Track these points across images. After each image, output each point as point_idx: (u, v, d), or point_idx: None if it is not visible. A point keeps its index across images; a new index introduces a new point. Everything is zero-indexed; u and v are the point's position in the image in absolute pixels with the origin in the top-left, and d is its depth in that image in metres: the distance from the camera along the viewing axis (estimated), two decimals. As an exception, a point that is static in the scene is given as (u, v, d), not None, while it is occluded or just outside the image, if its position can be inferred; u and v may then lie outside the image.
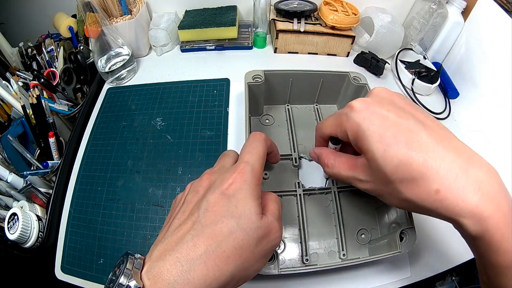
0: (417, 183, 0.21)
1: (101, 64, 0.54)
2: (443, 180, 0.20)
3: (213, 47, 0.62)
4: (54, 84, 0.54)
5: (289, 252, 0.37)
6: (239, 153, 0.27)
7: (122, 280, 0.18)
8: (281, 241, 0.37)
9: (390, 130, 0.22)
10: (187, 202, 0.23)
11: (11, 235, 0.37)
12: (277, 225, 0.23)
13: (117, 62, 0.55)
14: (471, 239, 0.21)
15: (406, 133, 0.22)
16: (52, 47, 0.61)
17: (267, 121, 0.48)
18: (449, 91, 0.57)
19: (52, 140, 0.47)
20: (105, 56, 0.54)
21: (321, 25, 0.60)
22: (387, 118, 0.23)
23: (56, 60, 0.59)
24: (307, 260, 0.35)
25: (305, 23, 0.59)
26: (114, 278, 0.19)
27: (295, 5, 0.61)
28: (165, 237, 0.21)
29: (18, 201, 0.43)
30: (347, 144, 0.28)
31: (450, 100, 0.57)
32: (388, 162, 0.22)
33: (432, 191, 0.21)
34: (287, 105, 0.49)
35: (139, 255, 0.20)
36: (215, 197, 0.21)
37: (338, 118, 0.26)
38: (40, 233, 0.40)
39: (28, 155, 0.47)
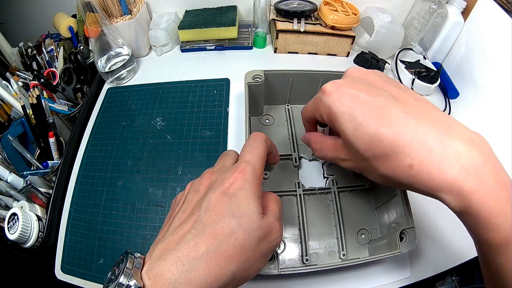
0: (389, 158, 0.21)
1: (101, 64, 0.54)
2: (416, 154, 0.20)
3: (213, 47, 0.62)
4: (54, 84, 0.54)
5: (289, 252, 0.37)
6: (239, 153, 0.27)
7: (122, 279, 0.18)
8: (282, 241, 0.37)
9: (359, 108, 0.22)
10: (188, 201, 0.23)
11: (11, 235, 0.37)
12: (277, 225, 0.23)
13: (117, 62, 0.55)
14: (457, 214, 0.21)
15: (376, 110, 0.22)
16: (52, 47, 0.61)
17: (267, 121, 0.48)
18: (449, 91, 0.57)
19: (52, 140, 0.47)
20: (105, 56, 0.54)
21: (321, 25, 0.60)
22: (357, 97, 0.23)
23: (56, 60, 0.59)
24: (307, 260, 0.35)
25: (305, 23, 0.59)
26: (113, 277, 0.19)
27: (295, 5, 0.61)
28: (165, 236, 0.20)
29: (18, 201, 0.43)
30: None
31: (450, 100, 0.57)
32: (359, 141, 0.22)
33: (405, 166, 0.20)
34: (287, 105, 0.49)
35: (139, 254, 0.20)
36: (216, 196, 0.21)
37: (314, 102, 0.27)
38: (40, 233, 0.40)
39: (28, 155, 0.47)
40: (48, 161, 0.47)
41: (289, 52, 0.63)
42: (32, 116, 0.48)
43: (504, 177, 0.19)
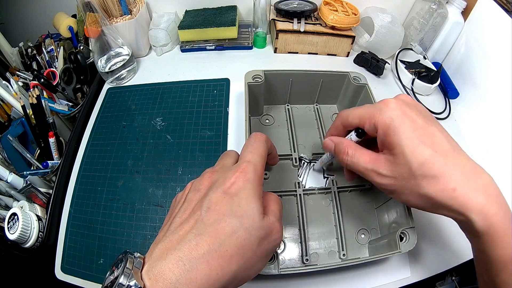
0: (437, 180, 0.24)
1: (101, 64, 0.54)
2: (459, 181, 0.24)
3: (213, 47, 0.62)
4: (54, 84, 0.54)
5: (289, 252, 0.37)
6: (239, 153, 0.27)
7: (122, 280, 0.18)
8: (282, 241, 0.37)
9: (418, 131, 0.25)
10: (189, 200, 0.23)
11: (11, 235, 0.37)
12: (278, 225, 0.23)
13: (117, 62, 0.55)
14: (477, 235, 0.24)
15: (430, 137, 0.25)
16: (52, 47, 0.61)
17: (267, 121, 0.48)
18: (449, 91, 0.57)
19: (52, 140, 0.47)
20: (105, 56, 0.54)
21: (321, 25, 0.60)
22: (415, 121, 0.26)
23: (56, 60, 0.59)
24: (307, 260, 0.35)
25: (305, 23, 0.59)
26: (112, 277, 0.19)
27: (295, 5, 0.61)
28: (166, 236, 0.20)
29: (18, 201, 0.43)
30: (366, 142, 0.31)
31: (450, 100, 0.57)
32: (415, 159, 0.24)
33: (449, 189, 0.24)
34: (287, 105, 0.49)
35: (138, 254, 0.20)
36: (218, 195, 0.21)
37: (370, 111, 0.28)
38: (40, 233, 0.40)
39: (28, 155, 0.47)
40: (48, 161, 0.47)
41: (289, 52, 0.63)
42: (32, 116, 0.48)
43: (508, 207, 0.24)
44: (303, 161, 0.43)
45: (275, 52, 0.63)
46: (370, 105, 0.29)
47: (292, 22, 0.59)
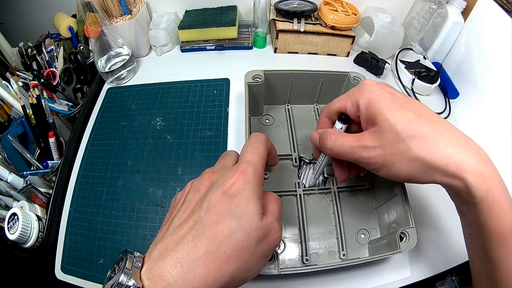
0: (427, 139, 0.23)
1: (101, 64, 0.54)
2: (449, 139, 0.23)
3: (213, 47, 0.62)
4: (54, 84, 0.54)
5: (289, 252, 0.37)
6: (240, 153, 0.27)
7: (122, 278, 0.18)
8: (282, 241, 0.37)
9: (398, 101, 0.25)
10: (188, 201, 0.23)
11: (11, 235, 0.37)
12: (277, 225, 0.23)
13: (117, 62, 0.55)
14: (473, 203, 0.22)
15: (412, 104, 0.25)
16: (52, 47, 0.61)
17: (267, 121, 0.48)
18: (449, 91, 0.57)
19: (52, 140, 0.47)
20: (105, 56, 0.54)
21: (321, 25, 0.60)
22: (395, 94, 0.26)
23: (56, 60, 0.59)
24: (307, 260, 0.35)
25: (305, 23, 0.59)
26: (113, 275, 0.19)
27: (295, 5, 0.61)
28: (165, 236, 0.20)
29: (18, 201, 0.43)
30: (352, 126, 0.31)
31: (450, 100, 0.57)
32: (400, 120, 0.24)
33: (441, 146, 0.23)
34: (287, 105, 0.49)
35: (138, 254, 0.20)
36: (217, 196, 0.21)
37: (349, 93, 0.29)
38: (40, 233, 0.40)
39: (28, 155, 0.47)
40: (48, 161, 0.47)
41: (289, 52, 0.63)
42: (32, 116, 0.48)
43: (499, 173, 0.23)
44: (303, 161, 0.43)
45: (275, 52, 0.63)
46: (350, 90, 0.29)
47: (292, 22, 0.59)
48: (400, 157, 0.24)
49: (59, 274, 0.39)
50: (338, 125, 0.31)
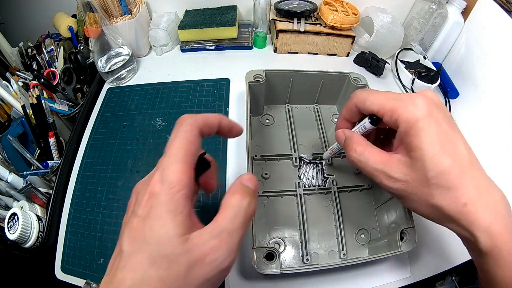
0: (451, 192, 0.23)
1: (101, 64, 0.54)
2: (471, 196, 0.23)
3: (213, 47, 0.62)
4: (54, 84, 0.54)
5: (290, 252, 0.37)
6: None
7: None
8: (282, 241, 0.37)
9: (441, 137, 0.23)
10: (123, 223, 0.21)
11: (11, 235, 0.37)
12: (215, 243, 0.19)
13: (117, 62, 0.55)
14: (480, 254, 0.23)
15: (452, 145, 0.24)
16: (52, 47, 0.61)
17: (267, 121, 0.48)
18: (449, 91, 0.57)
19: (52, 140, 0.47)
20: (105, 56, 0.54)
21: (321, 25, 0.60)
22: (440, 125, 0.24)
23: (56, 60, 0.59)
24: (307, 260, 0.35)
25: (305, 23, 0.59)
26: None
27: (295, 5, 0.61)
28: (108, 268, 0.20)
29: (18, 201, 0.43)
30: (376, 134, 0.30)
31: (450, 100, 0.57)
32: (434, 166, 0.23)
33: (460, 203, 0.23)
34: (287, 105, 0.49)
35: (94, 285, 0.20)
36: (134, 221, 0.19)
37: (393, 103, 0.25)
38: (40, 233, 0.40)
39: (28, 155, 0.47)
40: (48, 161, 0.47)
41: (289, 52, 0.63)
42: (32, 116, 0.48)
43: None
44: (303, 161, 0.43)
45: (275, 52, 0.63)
46: (393, 94, 0.26)
47: (292, 22, 0.59)
48: (420, 199, 0.24)
49: (59, 274, 0.39)
50: (368, 124, 0.27)
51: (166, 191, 0.19)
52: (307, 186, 0.41)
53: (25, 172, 0.44)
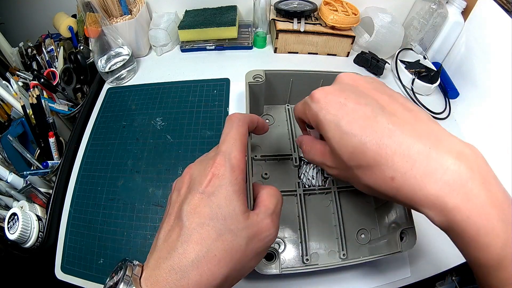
0: (372, 169, 0.21)
1: (101, 64, 0.54)
2: (399, 167, 0.20)
3: (213, 47, 0.62)
4: (54, 84, 0.54)
5: (290, 252, 0.37)
6: None
7: (122, 286, 0.18)
8: (282, 241, 0.37)
9: (345, 118, 0.22)
10: (172, 203, 0.22)
11: (11, 235, 0.37)
12: (269, 222, 0.22)
13: (117, 62, 0.55)
14: (443, 231, 0.20)
15: (361, 120, 0.21)
16: (52, 47, 0.61)
17: (267, 121, 0.48)
18: (449, 91, 0.57)
19: (52, 140, 0.47)
20: (105, 56, 0.54)
21: (321, 25, 0.60)
22: (344, 106, 0.22)
23: (56, 60, 0.59)
24: (307, 260, 0.35)
25: (305, 23, 0.59)
26: (112, 283, 0.19)
27: (295, 5, 0.61)
28: (157, 245, 0.20)
29: (18, 201, 0.43)
30: None
31: (450, 100, 0.57)
32: (343, 150, 0.22)
33: (387, 178, 0.20)
34: (287, 105, 0.49)
35: (137, 262, 0.20)
36: (196, 198, 0.20)
37: (302, 107, 0.27)
38: (40, 233, 0.40)
39: (28, 155, 0.47)
40: (48, 161, 0.47)
41: (289, 52, 0.63)
42: (32, 116, 0.48)
43: (497, 194, 0.18)
44: (303, 161, 0.43)
45: (275, 52, 0.63)
46: (306, 98, 0.26)
47: (292, 22, 0.59)
48: (354, 180, 0.24)
49: (59, 274, 0.39)
50: (308, 130, 0.30)
51: (231, 173, 0.21)
52: (307, 186, 0.41)
53: (25, 172, 0.44)
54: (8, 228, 0.38)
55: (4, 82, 0.54)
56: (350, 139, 0.21)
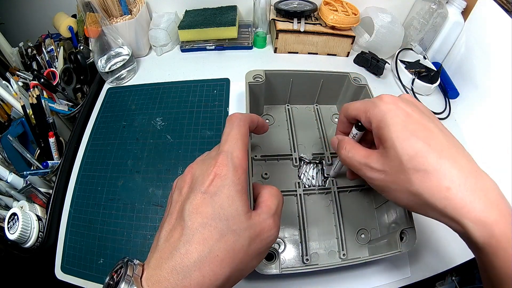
0: (429, 176, 0.22)
1: (101, 64, 0.54)
2: (454, 179, 0.21)
3: (213, 47, 0.62)
4: (54, 84, 0.54)
5: (290, 252, 0.37)
6: None
7: (124, 286, 0.18)
8: (282, 241, 0.37)
9: (412, 125, 0.24)
10: (174, 202, 0.22)
11: (11, 235, 0.37)
12: (271, 222, 0.22)
13: (117, 62, 0.55)
14: (477, 247, 0.21)
15: (425, 131, 0.23)
16: (52, 47, 0.61)
17: (267, 121, 0.48)
18: (449, 91, 0.57)
19: (52, 140, 0.47)
20: (105, 56, 0.54)
21: (321, 25, 0.60)
22: (410, 115, 0.24)
23: (56, 60, 0.59)
24: (307, 260, 0.35)
25: (305, 23, 0.59)
26: (111, 282, 0.19)
27: (295, 5, 0.61)
28: (159, 244, 0.20)
29: (18, 201, 0.43)
30: (367, 138, 0.31)
31: (450, 100, 0.57)
32: (405, 151, 0.23)
33: (443, 187, 0.21)
34: (287, 105, 0.49)
35: (137, 261, 0.20)
36: (198, 197, 0.20)
37: (366, 104, 0.27)
38: (40, 233, 0.40)
39: (28, 155, 0.47)
40: (48, 161, 0.47)
41: (289, 52, 0.63)
42: (32, 116, 0.48)
43: None
44: (303, 161, 0.43)
45: (275, 52, 0.63)
46: (369, 99, 0.28)
47: (292, 22, 0.59)
48: (400, 187, 0.24)
49: (59, 274, 0.39)
50: (354, 130, 0.30)
51: (233, 173, 0.21)
52: (307, 186, 0.41)
53: (25, 172, 0.44)
54: (8, 228, 0.38)
55: (4, 82, 0.54)
56: (415, 142, 0.23)
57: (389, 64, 0.61)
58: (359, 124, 0.29)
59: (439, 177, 0.21)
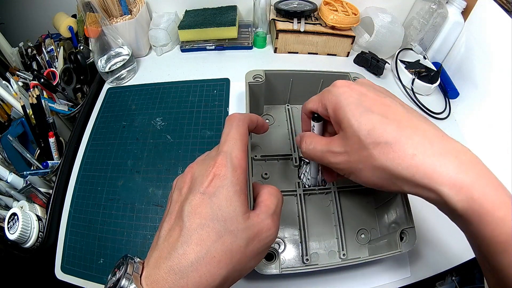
0: (391, 146, 0.21)
1: (101, 64, 0.54)
2: (418, 146, 0.20)
3: (213, 47, 0.62)
4: (54, 84, 0.54)
5: (290, 252, 0.37)
6: None
7: (124, 283, 0.18)
8: (282, 241, 0.37)
9: (367, 102, 0.23)
10: (173, 202, 0.23)
11: (11, 235, 0.37)
12: (269, 222, 0.22)
13: (117, 62, 0.55)
14: (458, 215, 0.20)
15: (382, 106, 0.23)
16: (52, 47, 0.61)
17: (267, 121, 0.48)
18: (449, 91, 0.57)
19: (52, 140, 0.47)
20: (105, 56, 0.54)
21: (321, 25, 0.60)
22: (365, 94, 0.24)
23: (56, 60, 0.59)
24: (307, 260, 0.35)
25: (305, 23, 0.59)
26: (114, 279, 0.19)
27: (295, 5, 0.61)
28: (158, 244, 0.21)
29: (18, 201, 0.43)
30: (329, 130, 0.30)
31: (450, 100, 0.57)
32: (362, 126, 0.22)
33: (407, 155, 0.20)
34: (287, 105, 0.49)
35: (138, 259, 0.20)
36: (197, 198, 0.20)
37: (321, 94, 0.28)
38: (40, 233, 0.40)
39: (28, 155, 0.47)
40: (48, 161, 0.47)
41: (289, 52, 0.63)
42: (32, 116, 0.48)
43: (492, 174, 0.20)
44: (303, 161, 0.43)
45: (275, 52, 0.63)
46: (325, 89, 0.28)
47: (292, 22, 0.59)
48: (365, 165, 0.23)
49: (59, 274, 0.39)
50: (312, 123, 0.30)
51: (232, 173, 0.21)
52: (307, 186, 0.41)
53: (25, 172, 0.44)
54: (8, 228, 0.38)
55: (4, 82, 0.54)
56: (371, 116, 0.22)
57: (389, 64, 0.61)
58: (315, 115, 0.29)
59: (402, 145, 0.21)
